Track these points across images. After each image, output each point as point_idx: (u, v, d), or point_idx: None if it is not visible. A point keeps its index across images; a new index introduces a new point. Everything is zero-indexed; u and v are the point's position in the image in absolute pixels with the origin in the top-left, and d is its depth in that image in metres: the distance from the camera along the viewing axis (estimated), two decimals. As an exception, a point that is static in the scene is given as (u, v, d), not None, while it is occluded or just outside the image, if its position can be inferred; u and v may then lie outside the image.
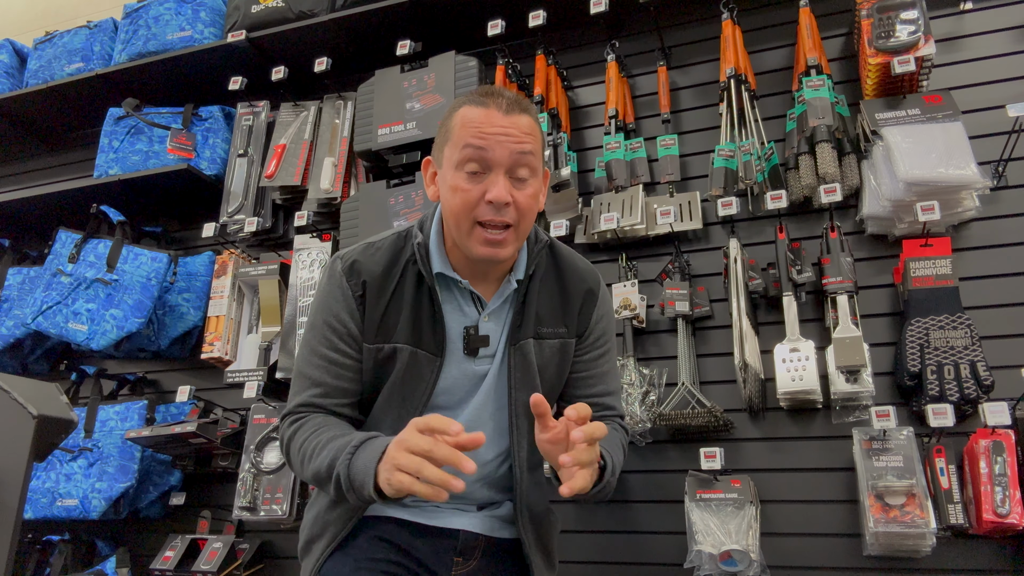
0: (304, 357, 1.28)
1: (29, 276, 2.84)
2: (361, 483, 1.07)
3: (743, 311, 1.96)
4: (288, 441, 1.25)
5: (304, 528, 1.33)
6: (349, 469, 1.09)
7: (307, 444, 1.19)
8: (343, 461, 1.10)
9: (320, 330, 1.27)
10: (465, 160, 1.17)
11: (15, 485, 1.14)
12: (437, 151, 1.25)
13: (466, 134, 1.17)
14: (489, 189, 1.15)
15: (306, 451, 1.19)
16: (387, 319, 1.25)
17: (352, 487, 1.09)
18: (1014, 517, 1.62)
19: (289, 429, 1.25)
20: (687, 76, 2.37)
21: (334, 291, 1.27)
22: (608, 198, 2.23)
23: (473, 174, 1.17)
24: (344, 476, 1.10)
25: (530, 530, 1.34)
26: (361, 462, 1.08)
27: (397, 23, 2.52)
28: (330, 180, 2.51)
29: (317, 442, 1.18)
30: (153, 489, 2.51)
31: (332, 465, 1.12)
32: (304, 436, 1.21)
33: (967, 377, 1.75)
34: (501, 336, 1.30)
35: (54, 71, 3.06)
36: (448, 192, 1.19)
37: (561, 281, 1.35)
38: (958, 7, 2.14)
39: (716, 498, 1.90)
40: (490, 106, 1.18)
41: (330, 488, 1.14)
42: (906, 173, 1.85)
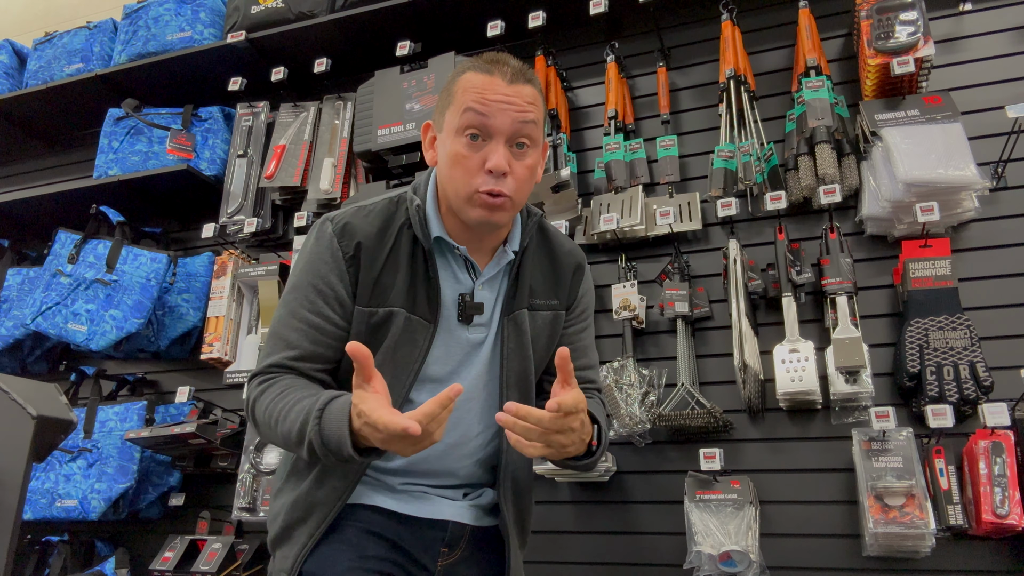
0: (282, 319, 1.21)
1: (28, 277, 2.84)
2: (337, 446, 1.04)
3: (743, 312, 1.97)
4: (253, 402, 1.18)
5: (279, 514, 1.25)
6: (320, 432, 1.05)
7: (273, 406, 1.13)
8: (313, 427, 1.06)
9: (303, 292, 1.20)
10: (465, 126, 1.15)
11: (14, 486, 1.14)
12: (438, 115, 1.23)
13: (468, 99, 1.15)
14: (489, 157, 1.14)
15: (272, 413, 1.13)
16: (381, 282, 1.21)
17: (329, 450, 1.06)
18: (1013, 518, 1.62)
19: (256, 390, 1.19)
20: (687, 77, 2.37)
21: (322, 253, 1.21)
22: (608, 199, 2.23)
23: (474, 140, 1.15)
24: (317, 442, 1.06)
25: (511, 504, 1.31)
26: (332, 425, 1.05)
27: (397, 24, 2.52)
28: (330, 181, 2.51)
29: (284, 404, 1.12)
30: (152, 490, 2.51)
31: (303, 431, 1.08)
32: (270, 398, 1.15)
33: (966, 378, 1.75)
34: (495, 306, 1.29)
35: (54, 71, 3.06)
36: (447, 158, 1.18)
37: (552, 255, 1.36)
38: (957, 8, 2.14)
39: (716, 499, 1.90)
40: (494, 73, 1.16)
41: (303, 452, 1.10)
42: (905, 174, 1.85)
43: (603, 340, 2.22)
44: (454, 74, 1.22)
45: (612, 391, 1.98)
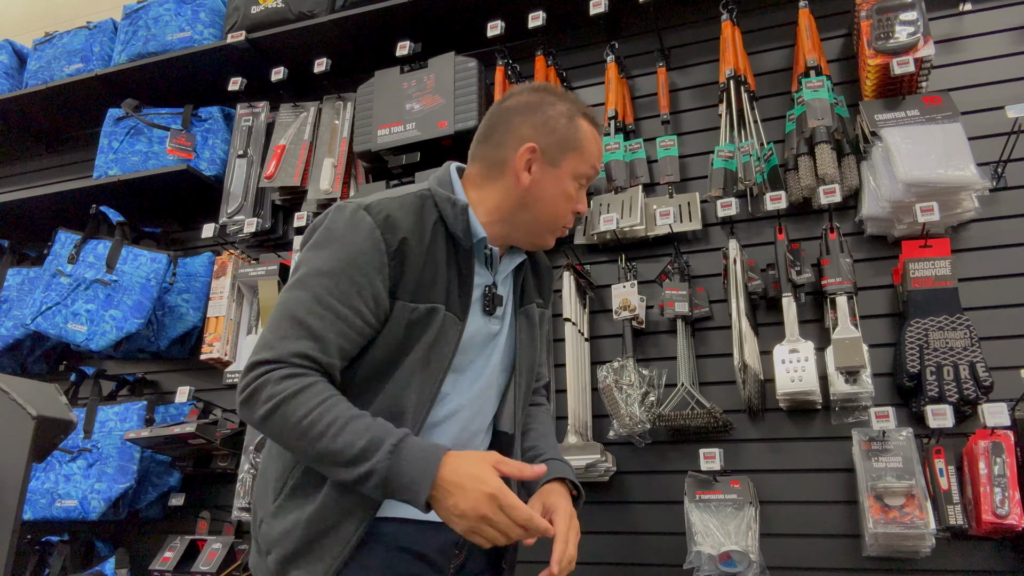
0: (303, 303, 1.13)
1: (28, 277, 2.84)
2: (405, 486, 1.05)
3: (742, 312, 1.97)
4: (283, 399, 1.07)
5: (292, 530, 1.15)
6: (391, 467, 1.04)
7: (321, 415, 1.06)
8: (383, 459, 1.04)
9: (335, 280, 1.13)
10: (584, 176, 1.32)
11: (14, 486, 1.15)
12: (556, 150, 1.29)
13: (593, 156, 1.32)
14: (580, 202, 1.34)
15: (316, 422, 1.06)
16: (424, 278, 1.20)
17: (388, 485, 1.05)
18: (1013, 518, 1.62)
19: (285, 384, 1.08)
20: (686, 77, 2.38)
21: (362, 243, 1.15)
22: (607, 199, 2.23)
23: (580, 187, 1.33)
24: (383, 473, 1.04)
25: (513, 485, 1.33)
26: (410, 465, 1.05)
27: (397, 24, 2.53)
28: (330, 181, 2.51)
29: (335, 417, 1.06)
30: (152, 490, 2.51)
31: (364, 456, 1.05)
32: (314, 403, 1.07)
33: (966, 378, 1.75)
34: (508, 301, 1.37)
35: (54, 72, 3.06)
36: (559, 195, 1.30)
37: (533, 257, 1.46)
38: (957, 8, 2.14)
39: (715, 499, 1.90)
40: (600, 130, 1.35)
41: (341, 473, 1.06)
42: (905, 174, 1.85)
43: (603, 340, 2.22)
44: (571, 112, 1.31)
45: (612, 391, 1.98)
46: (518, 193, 1.28)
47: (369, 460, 1.04)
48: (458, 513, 1.05)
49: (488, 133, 1.33)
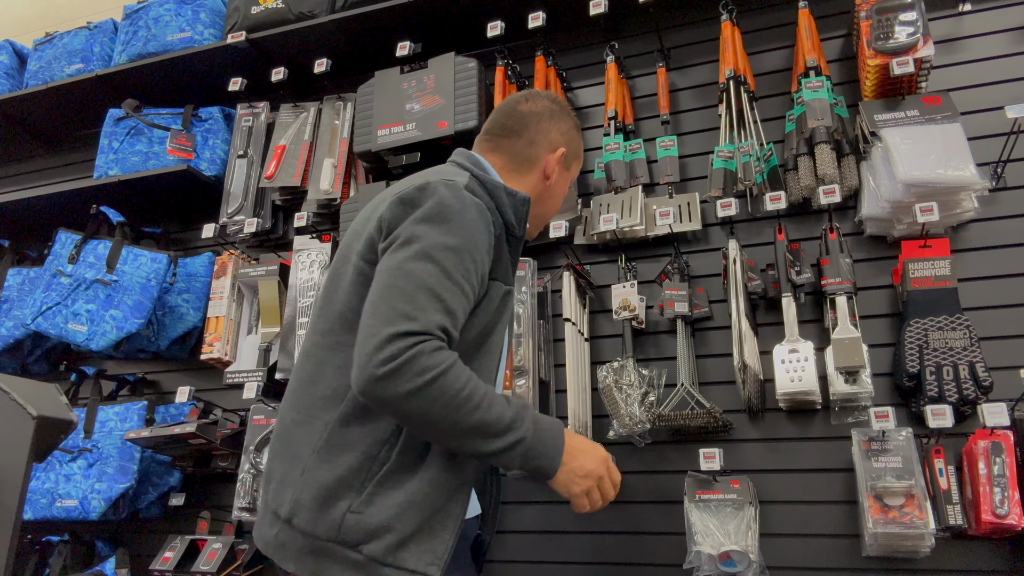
0: (435, 276, 1.12)
1: (29, 277, 2.84)
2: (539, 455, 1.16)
3: (742, 312, 1.97)
4: (443, 372, 1.07)
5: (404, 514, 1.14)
6: (534, 437, 1.15)
7: (474, 388, 1.10)
8: (528, 429, 1.14)
9: (460, 257, 1.16)
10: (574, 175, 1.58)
11: (15, 486, 1.15)
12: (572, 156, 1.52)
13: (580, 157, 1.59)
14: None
15: (472, 396, 1.09)
16: (508, 261, 1.32)
17: (528, 455, 1.14)
18: (1013, 518, 1.62)
19: (441, 356, 1.08)
20: (686, 77, 2.38)
21: (479, 223, 1.21)
22: (607, 199, 2.23)
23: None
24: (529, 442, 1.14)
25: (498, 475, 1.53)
26: (546, 438, 1.17)
27: (397, 24, 2.53)
28: (330, 181, 2.51)
29: (485, 392, 1.11)
30: (152, 490, 2.51)
31: (512, 426, 1.12)
32: (467, 377, 1.11)
33: (966, 378, 1.75)
34: None
35: (54, 72, 3.06)
36: (560, 194, 1.53)
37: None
38: (957, 9, 2.14)
39: (715, 499, 1.90)
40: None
41: (486, 443, 1.11)
42: (905, 174, 1.85)
43: (603, 340, 2.22)
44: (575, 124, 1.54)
45: (612, 391, 1.98)
46: (540, 189, 1.45)
47: (518, 429, 1.13)
48: (583, 473, 1.20)
49: (517, 130, 1.44)
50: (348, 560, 1.12)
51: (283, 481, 1.19)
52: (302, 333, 2.38)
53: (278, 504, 1.18)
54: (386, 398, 1.06)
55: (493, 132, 1.45)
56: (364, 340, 1.08)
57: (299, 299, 2.43)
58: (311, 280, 2.45)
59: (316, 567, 1.13)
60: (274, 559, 1.18)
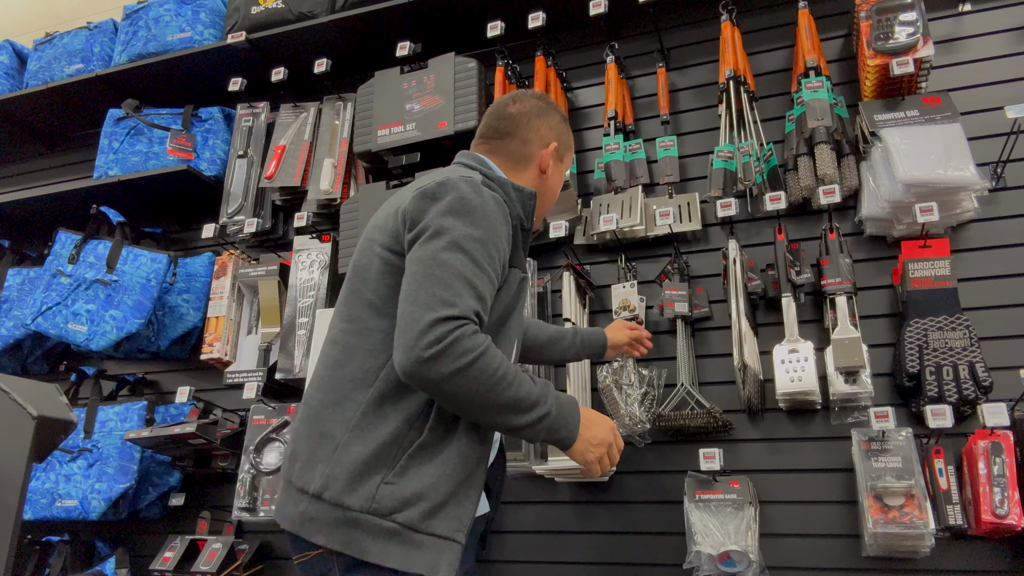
0: (466, 265, 1.20)
1: (29, 277, 2.84)
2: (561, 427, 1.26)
3: (742, 312, 1.97)
4: (481, 353, 1.15)
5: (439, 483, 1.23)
6: (558, 412, 1.25)
7: (507, 368, 1.19)
8: (552, 404, 1.24)
9: (486, 247, 1.24)
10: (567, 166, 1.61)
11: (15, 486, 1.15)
12: (564, 148, 1.57)
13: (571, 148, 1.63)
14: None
15: (506, 375, 1.18)
16: (523, 250, 1.40)
17: (553, 427, 1.25)
18: (1012, 518, 1.62)
19: (478, 339, 1.16)
20: (686, 77, 2.38)
21: (498, 215, 1.29)
22: (607, 199, 2.23)
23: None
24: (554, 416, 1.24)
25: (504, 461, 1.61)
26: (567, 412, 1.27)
27: (397, 24, 2.53)
28: (330, 181, 2.51)
29: (516, 371, 1.21)
30: (152, 490, 2.51)
31: (539, 401, 1.22)
32: (501, 356, 1.19)
33: (966, 378, 1.75)
34: None
35: (54, 72, 3.06)
36: (556, 186, 1.57)
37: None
38: (957, 9, 2.14)
39: (715, 499, 1.90)
40: None
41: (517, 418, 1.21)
42: (905, 174, 1.85)
43: (603, 340, 2.22)
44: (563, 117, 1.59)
45: (612, 391, 1.98)
46: (538, 184, 1.51)
47: (544, 404, 1.23)
48: (596, 442, 1.30)
49: (510, 131, 1.51)
50: (381, 529, 1.18)
51: (310, 459, 1.25)
52: (302, 333, 2.38)
53: (305, 481, 1.24)
54: (432, 378, 1.14)
55: (487, 136, 1.52)
56: (407, 325, 1.15)
57: (299, 299, 2.43)
58: (311, 280, 2.45)
59: (346, 538, 1.18)
60: (301, 534, 1.22)
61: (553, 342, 1.86)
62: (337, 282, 2.44)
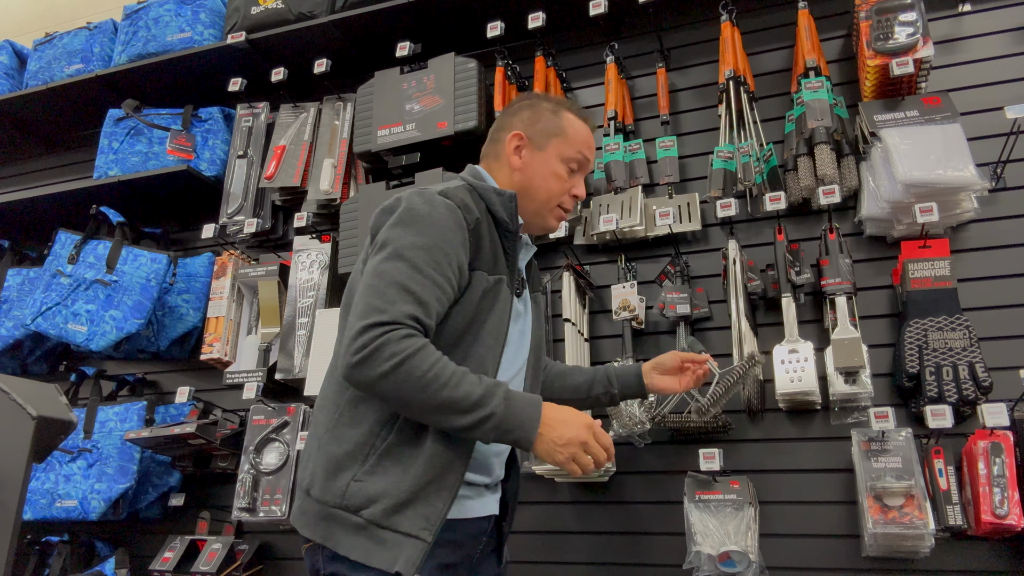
0: (404, 272, 1.24)
1: (28, 277, 2.84)
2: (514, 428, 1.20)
3: (742, 312, 1.97)
4: (408, 356, 1.18)
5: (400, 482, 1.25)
6: (506, 411, 1.19)
7: (441, 369, 1.19)
8: (499, 403, 1.19)
9: (429, 252, 1.26)
10: (574, 161, 1.47)
11: (14, 486, 1.15)
12: (540, 136, 1.47)
13: (580, 143, 1.48)
14: (577, 186, 1.49)
15: (439, 376, 1.18)
16: (494, 254, 1.37)
17: (501, 427, 1.20)
18: (1012, 518, 1.62)
19: (408, 342, 1.18)
20: (686, 78, 2.38)
21: (448, 221, 1.30)
22: (607, 199, 2.23)
23: (571, 171, 1.48)
24: (499, 416, 1.19)
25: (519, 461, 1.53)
26: (520, 410, 1.21)
27: (397, 25, 2.53)
28: (329, 181, 2.51)
29: (453, 372, 1.20)
30: (152, 490, 2.51)
31: (482, 402, 1.19)
32: (434, 359, 1.20)
33: (966, 378, 1.75)
34: (525, 287, 1.53)
35: (54, 72, 3.06)
36: (549, 175, 1.46)
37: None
38: (956, 9, 2.14)
39: (715, 499, 1.90)
40: (590, 122, 1.52)
41: (457, 419, 1.19)
42: (905, 175, 1.85)
43: (603, 340, 2.22)
44: (556, 106, 1.50)
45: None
46: (516, 179, 1.46)
47: (488, 405, 1.19)
48: (563, 442, 1.21)
49: (492, 135, 1.55)
50: (351, 524, 1.24)
51: (307, 458, 1.34)
52: (302, 333, 2.38)
53: (302, 478, 1.33)
54: (363, 382, 1.20)
55: (485, 145, 1.57)
56: (345, 335, 1.24)
57: (299, 299, 2.43)
58: (311, 280, 2.45)
59: (326, 531, 1.25)
60: (296, 527, 1.30)
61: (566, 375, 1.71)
62: (337, 282, 2.44)
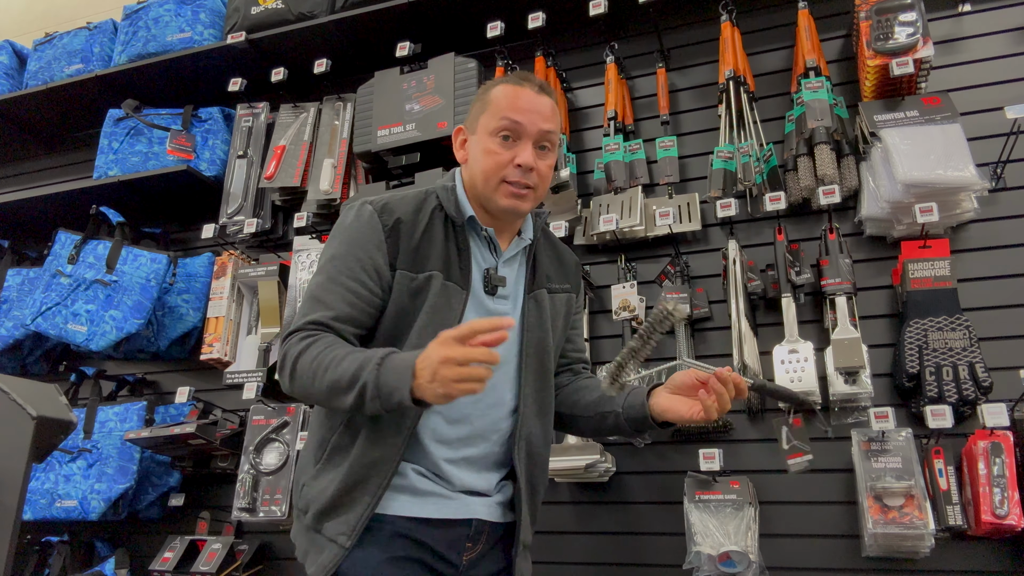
0: (320, 284, 1.31)
1: (28, 277, 2.84)
2: (391, 390, 1.15)
3: (742, 312, 1.97)
4: (298, 355, 1.24)
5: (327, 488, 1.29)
6: (379, 377, 1.16)
7: (322, 357, 1.21)
8: (371, 371, 1.16)
9: (342, 260, 1.31)
10: (501, 129, 1.35)
11: (14, 486, 1.15)
12: (472, 120, 1.43)
13: (504, 106, 1.36)
14: (519, 155, 1.34)
15: (322, 362, 1.21)
16: (420, 251, 1.35)
17: (379, 394, 1.16)
18: (1012, 518, 1.62)
19: (299, 344, 1.25)
20: (686, 78, 2.38)
21: (363, 227, 1.33)
22: (607, 199, 2.23)
23: (505, 140, 1.35)
24: (372, 383, 1.16)
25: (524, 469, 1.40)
26: (392, 371, 1.16)
27: (397, 25, 2.53)
28: (329, 181, 2.51)
29: (335, 355, 1.21)
30: (152, 490, 2.51)
31: (357, 374, 1.17)
32: (319, 349, 1.23)
33: (965, 378, 1.75)
34: (518, 284, 1.46)
35: (54, 72, 3.06)
36: (481, 154, 1.37)
37: (556, 250, 1.57)
38: (956, 9, 2.14)
39: (715, 499, 1.90)
40: (525, 86, 1.39)
41: (346, 398, 1.19)
42: (905, 175, 1.85)
43: (603, 340, 2.22)
44: (487, 87, 1.44)
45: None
46: (467, 173, 1.43)
47: (361, 376, 1.17)
48: (427, 379, 1.11)
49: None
50: (302, 525, 1.34)
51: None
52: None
53: None
54: (287, 392, 1.28)
55: None
56: None
57: (298, 299, 2.43)
58: (311, 280, 2.45)
59: (295, 528, 1.37)
60: None
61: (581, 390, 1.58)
62: (337, 282, 2.44)
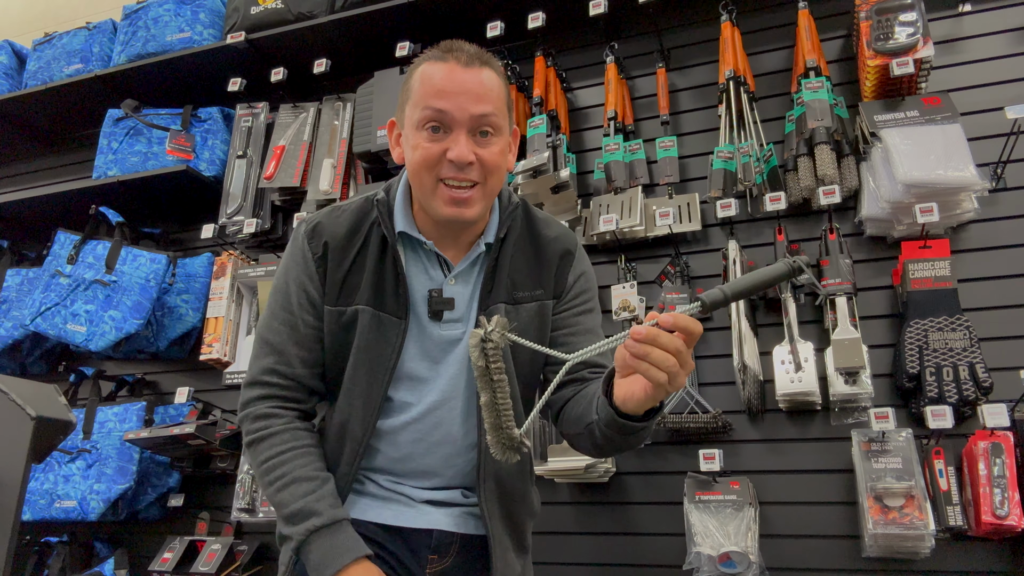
0: (264, 321, 1.25)
1: (28, 277, 2.84)
2: (311, 565, 1.13)
3: (742, 313, 1.97)
4: (251, 442, 1.22)
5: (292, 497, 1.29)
6: (308, 546, 1.13)
7: (275, 463, 1.18)
8: (302, 534, 1.13)
9: (281, 293, 1.24)
10: (425, 120, 1.13)
11: (13, 486, 1.14)
12: (399, 112, 1.22)
13: (425, 92, 1.14)
14: (450, 148, 1.12)
15: (271, 471, 1.18)
16: (349, 281, 1.21)
17: (301, 551, 1.15)
18: (1013, 519, 1.62)
19: (259, 425, 1.21)
20: (686, 78, 2.38)
21: (295, 255, 1.24)
22: (607, 199, 2.23)
23: (435, 132, 1.13)
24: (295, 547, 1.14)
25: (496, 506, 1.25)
26: (324, 553, 1.12)
27: (396, 25, 2.53)
28: (329, 181, 2.51)
29: (282, 472, 1.17)
30: (151, 491, 2.51)
31: (291, 520, 1.15)
32: (270, 452, 1.19)
33: (966, 379, 1.75)
34: (472, 300, 1.25)
35: (53, 72, 3.06)
36: (409, 151, 1.17)
37: (536, 243, 1.30)
38: (957, 9, 2.14)
39: (715, 500, 1.90)
40: (449, 61, 1.14)
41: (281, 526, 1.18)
42: (905, 175, 1.85)
43: (602, 341, 2.22)
44: (412, 66, 1.20)
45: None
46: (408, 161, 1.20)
47: (292, 527, 1.15)
48: None
49: None
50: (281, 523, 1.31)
51: None
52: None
53: None
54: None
55: None
56: None
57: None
58: (310, 280, 2.44)
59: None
60: None
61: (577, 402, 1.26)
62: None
